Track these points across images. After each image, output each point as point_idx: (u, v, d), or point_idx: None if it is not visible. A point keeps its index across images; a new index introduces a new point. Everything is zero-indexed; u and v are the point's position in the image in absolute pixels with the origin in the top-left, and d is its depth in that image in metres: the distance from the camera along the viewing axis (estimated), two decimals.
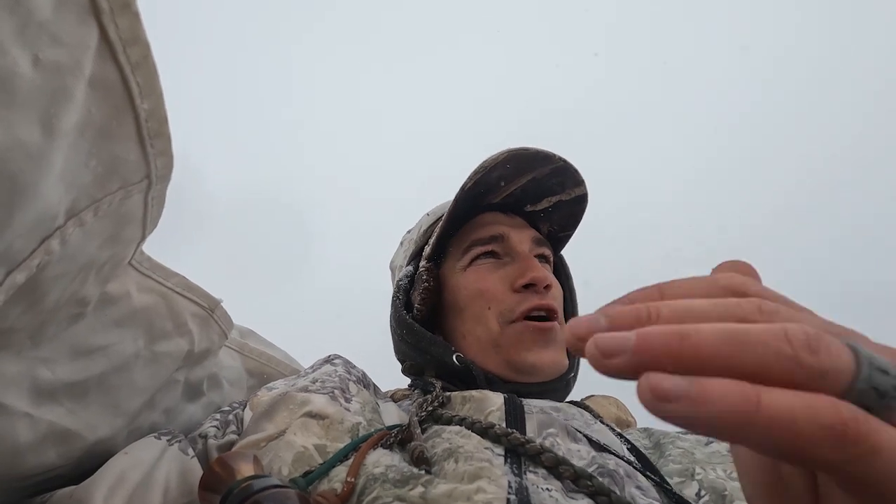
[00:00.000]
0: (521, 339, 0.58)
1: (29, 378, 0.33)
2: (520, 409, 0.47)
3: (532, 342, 0.57)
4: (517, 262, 0.61)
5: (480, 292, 0.61)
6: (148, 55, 0.26)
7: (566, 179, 0.65)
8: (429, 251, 0.65)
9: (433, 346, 0.61)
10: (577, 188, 0.66)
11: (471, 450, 0.39)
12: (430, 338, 0.62)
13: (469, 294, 0.62)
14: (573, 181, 0.65)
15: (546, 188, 0.66)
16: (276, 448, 0.41)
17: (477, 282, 0.62)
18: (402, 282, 0.68)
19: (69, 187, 0.26)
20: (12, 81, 0.20)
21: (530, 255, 0.62)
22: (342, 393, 0.49)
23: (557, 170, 0.63)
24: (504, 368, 0.58)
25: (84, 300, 0.34)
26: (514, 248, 0.63)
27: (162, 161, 0.31)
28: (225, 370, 0.57)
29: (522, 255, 0.62)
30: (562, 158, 0.62)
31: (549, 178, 0.64)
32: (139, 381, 0.42)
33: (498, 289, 0.60)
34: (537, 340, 0.57)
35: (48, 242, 0.27)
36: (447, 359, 0.59)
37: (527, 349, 0.57)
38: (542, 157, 0.61)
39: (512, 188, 0.65)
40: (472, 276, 0.63)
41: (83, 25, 0.23)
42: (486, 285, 0.61)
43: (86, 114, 0.25)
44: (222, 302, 0.48)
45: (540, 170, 0.63)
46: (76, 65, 0.23)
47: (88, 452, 0.39)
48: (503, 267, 0.62)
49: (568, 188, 0.66)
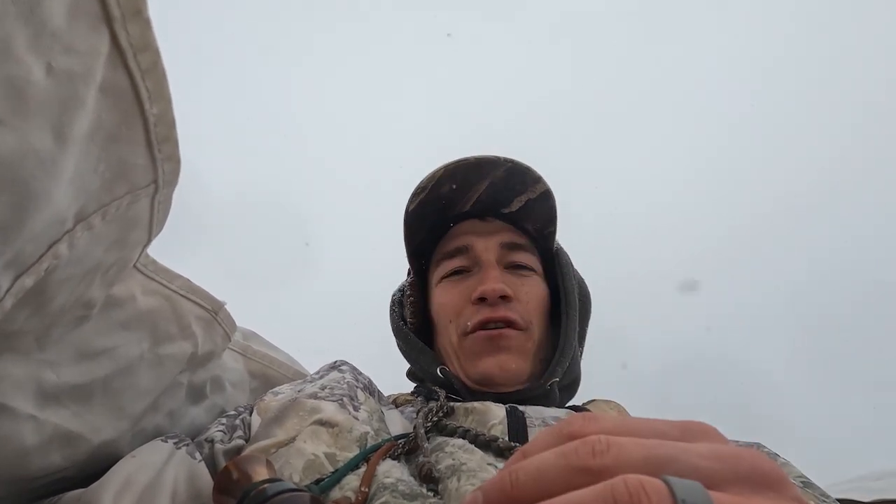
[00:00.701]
0: (473, 350, 0.59)
1: (34, 381, 0.33)
2: (522, 421, 0.47)
3: (482, 351, 0.58)
4: (479, 273, 0.62)
5: (444, 307, 0.63)
6: (158, 61, 0.26)
7: (525, 178, 0.64)
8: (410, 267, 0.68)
9: (421, 356, 0.63)
10: (538, 185, 0.64)
11: (474, 467, 0.39)
12: (420, 348, 0.63)
13: (436, 308, 0.64)
14: (531, 179, 0.64)
15: (510, 189, 0.65)
16: (287, 455, 0.41)
17: (442, 296, 0.64)
18: (395, 295, 0.71)
19: (78, 192, 0.26)
20: (26, 90, 0.20)
21: (492, 265, 0.62)
22: (350, 401, 0.49)
23: (510, 171, 0.63)
24: (467, 379, 0.59)
25: (90, 303, 0.34)
26: (478, 256, 0.63)
27: (169, 166, 0.31)
28: (228, 372, 0.57)
29: (484, 265, 0.62)
30: (508, 160, 0.62)
31: (507, 180, 0.64)
32: (143, 383, 0.42)
33: (458, 302, 0.61)
34: (486, 349, 0.58)
35: (57, 247, 0.27)
36: (432, 370, 0.61)
37: (477, 358, 0.58)
38: (486, 162, 0.61)
39: (473, 196, 0.65)
40: (440, 291, 0.64)
41: (95, 33, 0.23)
42: (448, 299, 0.62)
43: (96, 120, 0.25)
44: (226, 304, 0.49)
45: (493, 174, 0.63)
46: (88, 72, 0.23)
47: (93, 455, 0.39)
48: (468, 279, 0.62)
49: (529, 186, 0.65)
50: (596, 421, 0.20)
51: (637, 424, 0.20)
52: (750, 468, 0.18)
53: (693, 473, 0.17)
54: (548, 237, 0.68)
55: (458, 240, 0.65)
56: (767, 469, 0.18)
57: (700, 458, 0.18)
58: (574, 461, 0.18)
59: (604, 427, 0.20)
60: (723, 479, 0.17)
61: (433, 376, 0.61)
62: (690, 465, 0.17)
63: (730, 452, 0.18)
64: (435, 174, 0.62)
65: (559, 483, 0.18)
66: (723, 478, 0.17)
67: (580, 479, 0.17)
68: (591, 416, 0.21)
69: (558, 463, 0.18)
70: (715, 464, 0.18)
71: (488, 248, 0.63)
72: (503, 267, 0.63)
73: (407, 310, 0.68)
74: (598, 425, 0.20)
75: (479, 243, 0.64)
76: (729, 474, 0.18)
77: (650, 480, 0.16)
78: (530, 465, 0.19)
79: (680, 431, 0.20)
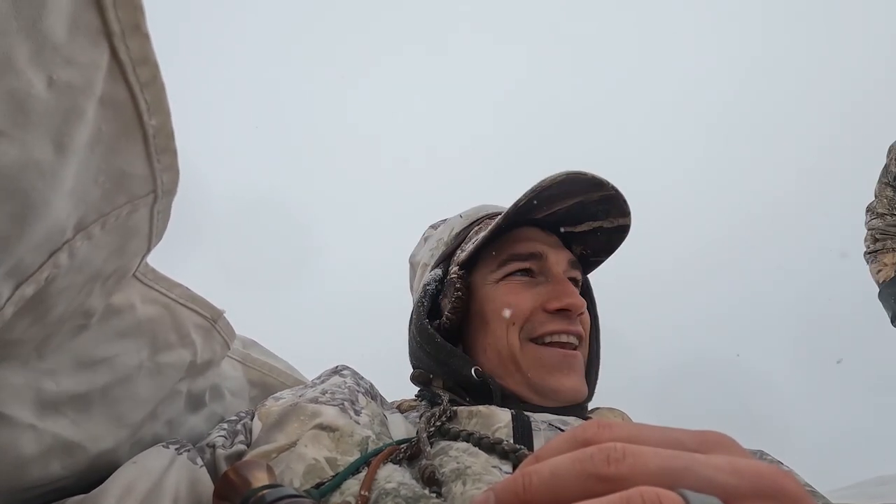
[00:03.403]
0: (543, 363, 0.58)
1: (34, 390, 0.33)
2: (527, 425, 0.47)
3: (555, 367, 0.58)
4: (552, 283, 0.61)
5: (510, 307, 0.60)
6: (157, 74, 0.26)
7: (612, 208, 0.64)
8: (464, 258, 0.64)
9: (452, 357, 0.60)
10: (622, 218, 0.65)
11: (479, 470, 0.39)
12: (449, 349, 0.61)
13: (496, 308, 0.61)
14: (619, 211, 0.64)
15: (590, 213, 0.66)
16: (288, 460, 0.41)
17: (508, 296, 0.61)
18: (429, 286, 0.66)
19: (78, 202, 0.27)
20: (28, 102, 0.21)
21: (566, 278, 0.62)
22: (351, 405, 0.49)
23: (606, 197, 0.63)
24: (524, 388, 0.58)
25: (89, 312, 0.34)
26: (550, 268, 0.62)
27: (168, 176, 0.31)
28: (227, 381, 0.57)
29: (558, 276, 0.62)
30: (614, 187, 0.61)
31: (595, 204, 0.64)
32: (142, 392, 0.42)
33: (528, 306, 0.60)
34: (560, 366, 0.58)
35: (57, 256, 0.27)
36: (465, 371, 0.59)
37: (549, 373, 0.57)
38: (596, 183, 0.61)
39: (557, 208, 0.65)
40: (503, 290, 0.62)
41: (95, 47, 0.23)
42: (517, 301, 0.60)
43: (96, 131, 0.25)
44: (225, 313, 0.49)
45: (589, 195, 0.63)
46: (88, 85, 0.23)
47: (92, 464, 0.39)
48: (537, 286, 0.62)
49: (612, 216, 0.65)
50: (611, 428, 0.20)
51: (653, 432, 0.20)
52: (771, 485, 0.17)
53: (710, 487, 0.17)
54: (593, 264, 0.70)
55: (530, 245, 0.64)
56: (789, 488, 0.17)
57: (717, 472, 0.17)
58: (589, 468, 0.18)
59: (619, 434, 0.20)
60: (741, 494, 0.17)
61: (465, 379, 0.59)
62: (707, 479, 0.17)
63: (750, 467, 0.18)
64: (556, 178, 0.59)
65: (573, 489, 0.18)
66: (741, 493, 0.17)
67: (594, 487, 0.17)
68: (607, 422, 0.21)
69: (573, 468, 0.18)
70: (733, 478, 0.17)
71: (559, 262, 0.63)
72: None
73: (448, 303, 0.64)
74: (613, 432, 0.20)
75: (552, 254, 0.63)
76: (748, 490, 0.17)
77: (667, 494, 0.16)
78: (544, 469, 0.19)
79: (697, 442, 0.20)
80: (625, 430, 0.20)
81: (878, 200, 1.48)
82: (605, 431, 0.20)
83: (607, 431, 0.20)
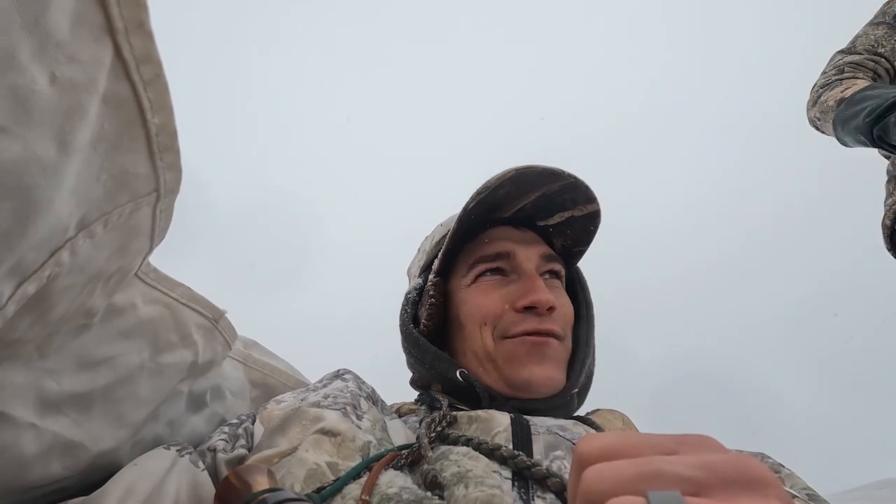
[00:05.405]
0: (516, 355, 0.57)
1: (35, 389, 0.33)
2: (526, 429, 0.47)
3: (526, 357, 0.57)
4: (522, 280, 0.61)
5: (480, 309, 0.61)
6: (160, 73, 0.26)
7: (577, 196, 0.64)
8: (437, 265, 0.65)
9: (437, 361, 0.61)
10: (590, 205, 0.65)
11: (480, 474, 0.39)
12: (434, 353, 0.62)
13: (468, 311, 0.62)
14: (585, 198, 0.64)
15: (557, 204, 0.66)
16: (289, 464, 0.41)
17: (478, 298, 0.62)
18: (410, 295, 0.68)
19: (81, 200, 0.27)
20: (30, 99, 0.20)
21: (536, 274, 0.61)
22: (353, 409, 0.49)
23: (568, 186, 0.63)
24: (501, 384, 0.58)
25: (91, 311, 0.34)
26: (520, 265, 0.62)
27: (171, 174, 0.31)
28: (228, 381, 0.57)
29: (528, 273, 0.61)
30: (571, 175, 0.62)
31: (560, 194, 0.64)
32: (144, 392, 0.42)
33: (498, 307, 0.60)
34: (531, 355, 0.57)
35: (59, 254, 0.27)
36: (450, 374, 0.59)
37: (521, 364, 0.57)
38: (549, 174, 0.61)
39: (521, 203, 0.65)
40: (474, 293, 0.63)
41: (98, 44, 0.23)
42: (487, 302, 0.61)
43: (99, 129, 0.25)
44: (227, 313, 0.49)
45: (549, 186, 0.63)
46: (91, 82, 0.23)
47: (92, 464, 0.39)
48: (507, 285, 0.61)
49: (580, 204, 0.65)
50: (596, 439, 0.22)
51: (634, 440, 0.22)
52: (736, 471, 0.19)
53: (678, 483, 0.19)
54: (575, 255, 0.69)
55: (498, 245, 0.64)
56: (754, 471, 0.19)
57: (687, 469, 0.19)
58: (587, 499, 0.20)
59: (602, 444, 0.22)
60: (708, 485, 0.19)
61: (451, 382, 0.60)
62: (677, 476, 0.19)
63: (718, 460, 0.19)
64: (503, 175, 0.60)
65: None
66: (709, 484, 0.19)
67: None
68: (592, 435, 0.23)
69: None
70: (700, 472, 0.19)
71: (529, 258, 0.63)
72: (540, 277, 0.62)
73: (424, 310, 0.65)
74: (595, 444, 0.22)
75: (520, 251, 0.63)
76: (715, 480, 0.19)
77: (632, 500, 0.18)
78: None
79: (677, 444, 0.22)
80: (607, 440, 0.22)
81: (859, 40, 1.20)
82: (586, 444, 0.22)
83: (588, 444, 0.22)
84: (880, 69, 1.14)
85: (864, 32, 1.20)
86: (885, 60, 1.14)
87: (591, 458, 0.21)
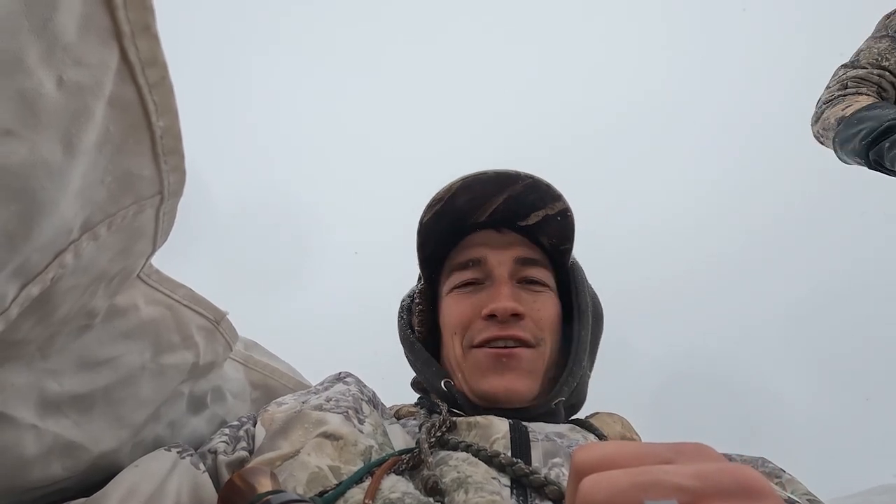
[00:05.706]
0: (479, 366, 0.57)
1: (36, 390, 0.33)
2: (525, 436, 0.47)
3: (487, 369, 0.56)
4: (492, 287, 0.60)
5: (452, 318, 0.61)
6: (165, 76, 0.26)
7: (543, 195, 0.62)
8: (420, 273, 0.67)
9: (426, 368, 0.62)
10: (558, 202, 0.62)
11: (479, 480, 0.39)
12: (425, 359, 0.62)
13: (444, 319, 0.63)
14: (550, 196, 0.62)
15: (528, 204, 0.64)
16: (291, 468, 0.41)
17: (452, 307, 0.62)
18: (404, 301, 0.69)
19: (85, 202, 0.27)
20: (37, 102, 0.21)
21: (504, 280, 0.60)
22: (356, 413, 0.49)
23: (530, 186, 0.61)
24: (471, 395, 0.58)
25: (93, 312, 0.34)
26: (491, 271, 0.62)
27: (175, 177, 0.31)
28: (229, 382, 0.57)
29: (497, 280, 0.61)
30: (529, 176, 0.60)
31: (525, 195, 0.62)
32: (145, 393, 0.42)
33: (467, 315, 0.60)
34: (492, 367, 0.56)
35: (63, 256, 0.27)
36: (436, 383, 0.60)
37: (483, 376, 0.57)
38: (505, 177, 0.60)
39: (491, 208, 0.64)
40: (451, 301, 0.63)
41: (105, 47, 0.23)
42: (457, 312, 0.61)
43: (104, 132, 0.25)
44: (228, 314, 0.49)
45: (512, 188, 0.61)
46: (97, 85, 0.23)
47: (93, 465, 0.39)
48: (479, 292, 0.61)
49: (549, 203, 0.63)
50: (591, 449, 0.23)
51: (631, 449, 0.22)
52: (732, 481, 0.19)
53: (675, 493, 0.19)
54: (563, 253, 0.67)
55: (472, 251, 0.63)
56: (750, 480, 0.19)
57: (683, 478, 0.19)
58: None
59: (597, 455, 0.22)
60: (705, 495, 0.19)
61: (438, 389, 0.60)
62: (673, 486, 0.19)
63: (714, 469, 0.20)
64: (452, 186, 0.60)
65: None
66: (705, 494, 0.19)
67: None
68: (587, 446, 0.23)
69: None
70: (696, 482, 0.19)
71: (502, 262, 0.62)
72: (516, 281, 0.61)
73: (415, 318, 0.66)
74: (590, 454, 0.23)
75: (493, 256, 0.62)
76: (711, 490, 0.19)
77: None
78: None
79: (673, 453, 0.22)
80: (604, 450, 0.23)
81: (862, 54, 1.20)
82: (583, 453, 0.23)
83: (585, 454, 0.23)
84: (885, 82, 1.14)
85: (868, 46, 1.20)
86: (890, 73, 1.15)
87: (589, 467, 0.22)
